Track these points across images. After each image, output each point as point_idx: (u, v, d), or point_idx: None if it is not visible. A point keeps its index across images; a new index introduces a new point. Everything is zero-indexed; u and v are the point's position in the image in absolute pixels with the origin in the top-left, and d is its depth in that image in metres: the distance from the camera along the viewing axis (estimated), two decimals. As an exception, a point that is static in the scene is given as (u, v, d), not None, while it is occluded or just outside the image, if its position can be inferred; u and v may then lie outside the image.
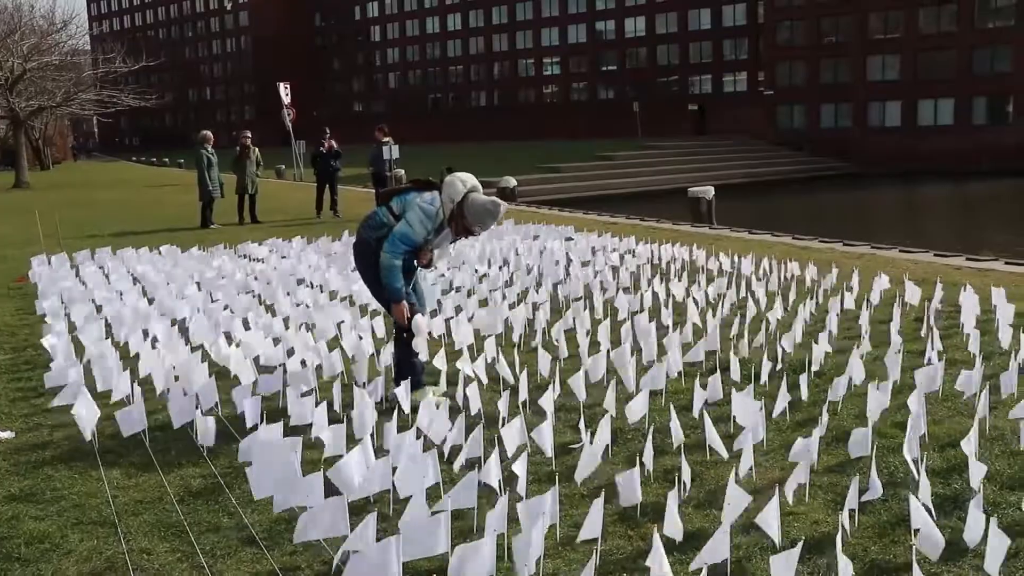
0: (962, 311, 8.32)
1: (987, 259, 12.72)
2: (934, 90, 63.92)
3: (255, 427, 5.65)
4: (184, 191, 29.55)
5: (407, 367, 6.59)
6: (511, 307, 9.16)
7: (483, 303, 9.76)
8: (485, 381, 6.85)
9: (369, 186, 23.24)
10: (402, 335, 6.51)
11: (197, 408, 6.02)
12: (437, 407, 5.77)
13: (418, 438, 5.31)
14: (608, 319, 8.51)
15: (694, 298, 9.57)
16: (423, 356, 6.82)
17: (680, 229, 17.81)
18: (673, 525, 4.23)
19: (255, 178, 21.19)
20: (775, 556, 3.69)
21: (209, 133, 21.12)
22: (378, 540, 3.85)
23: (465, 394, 6.29)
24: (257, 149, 21.52)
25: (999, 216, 38.02)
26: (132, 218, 23.36)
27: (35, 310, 10.23)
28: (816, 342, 7.26)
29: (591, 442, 5.20)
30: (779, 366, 7.11)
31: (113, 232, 19.18)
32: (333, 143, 22.17)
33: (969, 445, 4.94)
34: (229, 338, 8.22)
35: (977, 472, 4.68)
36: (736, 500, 4.29)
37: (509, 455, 5.27)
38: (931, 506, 4.41)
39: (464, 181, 6.31)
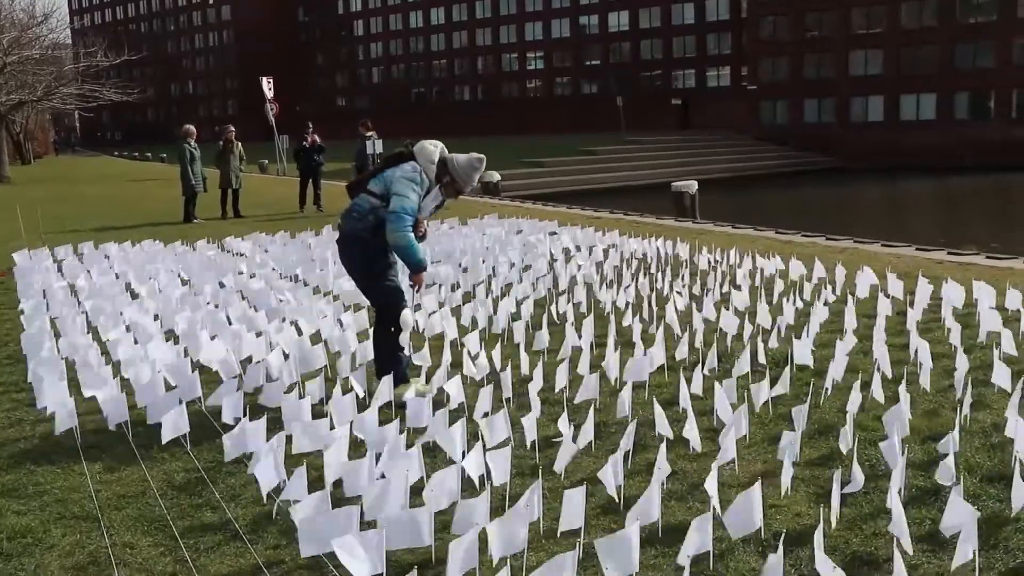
0: (943, 305, 8.38)
1: (968, 253, 12.78)
2: (916, 85, 64.21)
3: (238, 421, 5.64)
4: (167, 186, 29.40)
5: (392, 361, 6.52)
6: (495, 301, 9.16)
7: (467, 298, 9.76)
8: (477, 376, 6.86)
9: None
10: (389, 329, 6.49)
11: (180, 403, 6.00)
12: (422, 396, 5.82)
13: (401, 432, 5.31)
14: (592, 313, 8.54)
15: (678, 292, 9.59)
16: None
17: (664, 223, 17.84)
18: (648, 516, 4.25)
19: (238, 173, 21.12)
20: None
21: (192, 127, 21.05)
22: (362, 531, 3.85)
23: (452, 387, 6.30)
24: (240, 144, 21.46)
25: (981, 212, 38.24)
26: (114, 213, 23.25)
27: (16, 305, 10.18)
28: (798, 336, 7.29)
29: (574, 437, 5.22)
30: (762, 360, 7.13)
31: (95, 227, 19.08)
32: (316, 138, 22.11)
33: (949, 441, 4.97)
34: (211, 333, 8.19)
35: (949, 466, 4.71)
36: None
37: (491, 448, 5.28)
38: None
39: (434, 144, 6.38)
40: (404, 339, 6.51)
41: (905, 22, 64.90)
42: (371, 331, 6.93)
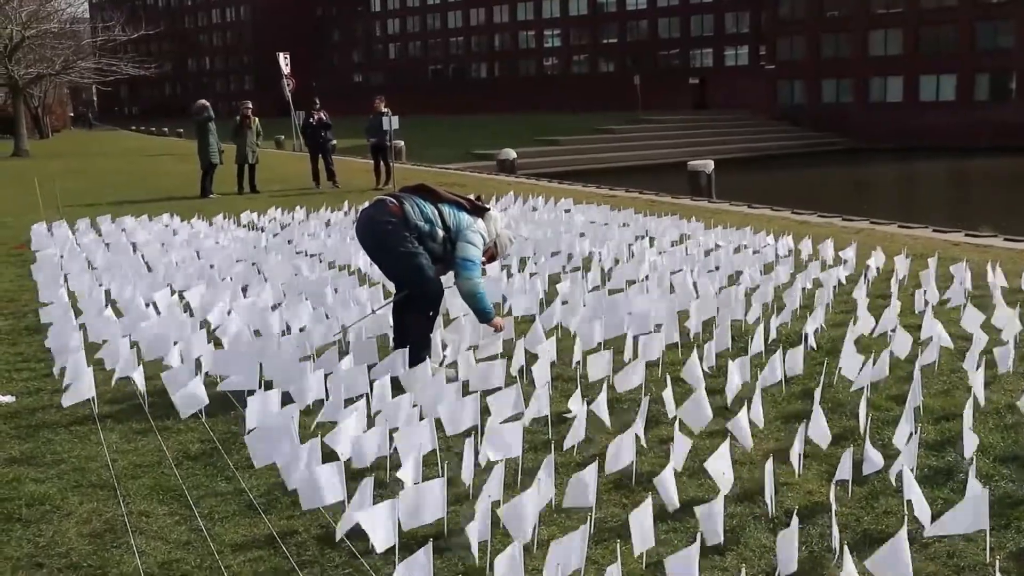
0: (954, 284, 8.36)
1: (986, 235, 12.72)
2: (936, 65, 63.60)
3: (252, 393, 5.67)
4: (183, 160, 29.49)
5: (423, 343, 6.55)
6: (508, 277, 9.18)
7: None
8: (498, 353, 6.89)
9: (368, 156, 23.22)
10: (428, 313, 6.53)
11: (196, 375, 6.04)
12: (432, 374, 5.86)
13: (414, 406, 5.34)
14: (604, 289, 8.55)
15: (692, 270, 9.58)
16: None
17: (679, 202, 17.80)
18: (668, 497, 4.27)
19: (255, 148, 21.15)
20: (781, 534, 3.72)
21: (205, 102, 21.10)
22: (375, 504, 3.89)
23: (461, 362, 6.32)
24: (257, 119, 21.47)
25: (998, 193, 37.97)
26: (131, 187, 23.32)
27: (34, 277, 10.24)
28: (812, 315, 7.28)
29: (586, 411, 5.24)
30: (775, 338, 7.14)
31: (112, 200, 19.15)
32: (323, 114, 22.03)
33: (965, 418, 4.97)
34: (228, 307, 8.22)
35: (970, 444, 4.72)
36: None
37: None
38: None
39: (502, 220, 6.92)
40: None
41: (925, 2, 64.27)
42: (390, 311, 6.96)
